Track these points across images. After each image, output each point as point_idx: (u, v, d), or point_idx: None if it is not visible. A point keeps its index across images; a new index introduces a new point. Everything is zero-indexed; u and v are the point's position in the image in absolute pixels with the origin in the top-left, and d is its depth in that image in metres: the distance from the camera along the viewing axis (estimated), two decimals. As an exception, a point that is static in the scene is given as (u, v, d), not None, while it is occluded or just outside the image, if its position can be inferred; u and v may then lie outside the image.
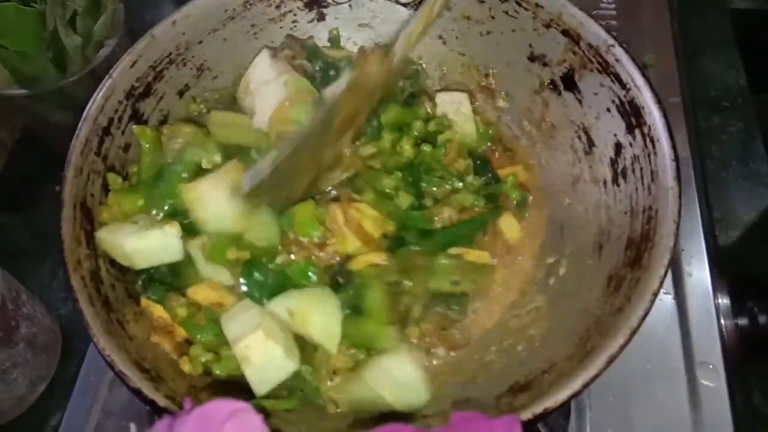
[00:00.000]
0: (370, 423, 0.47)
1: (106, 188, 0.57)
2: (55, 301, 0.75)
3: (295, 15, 0.69)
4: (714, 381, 0.64)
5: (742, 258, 0.76)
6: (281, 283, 0.56)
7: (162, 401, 0.44)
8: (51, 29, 0.74)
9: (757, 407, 0.68)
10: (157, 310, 0.55)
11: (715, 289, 0.70)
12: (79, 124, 0.55)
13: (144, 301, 0.56)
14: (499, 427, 0.37)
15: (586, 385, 0.45)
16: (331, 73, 0.67)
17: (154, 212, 0.58)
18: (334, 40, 0.71)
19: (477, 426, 0.36)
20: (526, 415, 0.44)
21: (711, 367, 0.65)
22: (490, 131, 0.68)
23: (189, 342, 0.55)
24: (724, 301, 0.69)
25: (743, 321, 0.68)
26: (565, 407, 0.56)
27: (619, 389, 0.64)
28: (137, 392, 0.44)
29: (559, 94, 0.63)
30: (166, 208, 0.58)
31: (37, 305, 0.69)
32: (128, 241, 0.54)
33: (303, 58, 0.68)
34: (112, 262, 0.55)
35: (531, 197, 0.66)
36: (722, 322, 0.68)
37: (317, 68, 0.67)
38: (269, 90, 0.63)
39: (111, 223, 0.57)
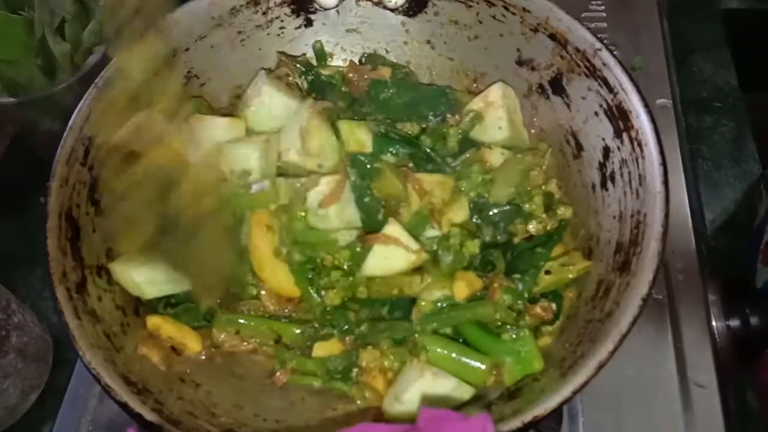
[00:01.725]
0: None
1: (92, 198, 0.56)
2: (47, 310, 0.74)
3: (282, 21, 0.68)
4: (705, 383, 0.64)
5: (734, 259, 0.76)
6: None
7: (149, 415, 0.44)
8: (39, 37, 0.74)
9: (751, 408, 0.68)
10: (167, 331, 0.55)
11: (706, 290, 0.69)
12: (65, 134, 0.55)
13: (152, 321, 0.56)
14: (471, 426, 0.36)
15: (576, 392, 0.45)
16: (325, 89, 0.68)
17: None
18: (320, 53, 0.70)
19: (450, 426, 0.36)
20: (516, 423, 0.44)
21: (702, 369, 0.65)
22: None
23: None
24: (716, 302, 0.69)
25: (735, 323, 0.67)
26: (556, 413, 0.56)
27: (611, 393, 0.64)
28: (123, 405, 0.44)
29: (548, 98, 0.63)
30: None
31: (28, 314, 0.68)
32: (139, 271, 0.55)
33: (298, 75, 0.69)
34: (100, 274, 0.54)
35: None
36: (713, 324, 0.68)
37: (310, 84, 0.69)
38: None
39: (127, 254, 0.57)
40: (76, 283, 0.51)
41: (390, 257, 0.57)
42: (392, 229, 0.57)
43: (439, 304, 0.56)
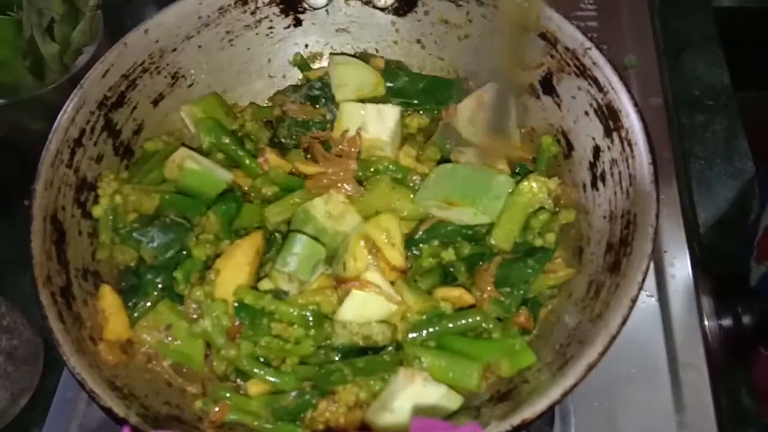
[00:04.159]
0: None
1: (78, 201, 0.56)
2: (37, 313, 0.73)
3: (271, 21, 0.68)
4: (698, 382, 0.64)
5: (727, 257, 0.76)
6: None
7: (133, 419, 0.43)
8: (28, 37, 0.73)
9: (743, 407, 0.68)
10: (106, 302, 0.54)
11: (699, 290, 0.69)
12: (49, 136, 0.54)
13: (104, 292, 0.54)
14: None
15: (565, 394, 0.45)
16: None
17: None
18: (302, 64, 0.70)
19: None
20: (505, 426, 0.44)
21: (694, 368, 0.65)
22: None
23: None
24: (708, 301, 0.69)
25: (727, 321, 0.67)
26: (548, 415, 0.55)
27: (604, 393, 0.64)
28: (108, 411, 0.44)
29: (538, 97, 0.62)
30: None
31: (18, 317, 0.68)
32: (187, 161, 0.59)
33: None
34: (85, 277, 0.54)
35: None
36: (705, 323, 0.67)
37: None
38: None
39: None
40: (61, 286, 0.50)
41: (368, 304, 0.54)
42: (373, 276, 0.55)
43: (425, 317, 0.55)
